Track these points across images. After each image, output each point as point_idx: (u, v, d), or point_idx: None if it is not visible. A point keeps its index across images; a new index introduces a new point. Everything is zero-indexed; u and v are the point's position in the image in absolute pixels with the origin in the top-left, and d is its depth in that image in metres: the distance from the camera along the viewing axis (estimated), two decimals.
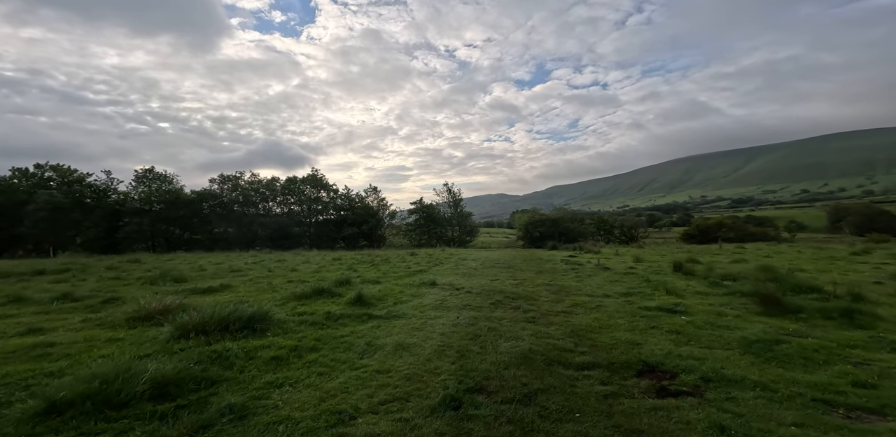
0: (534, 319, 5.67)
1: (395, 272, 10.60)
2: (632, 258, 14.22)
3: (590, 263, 13.21)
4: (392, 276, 9.81)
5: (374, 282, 8.61)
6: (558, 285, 8.74)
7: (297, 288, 7.04)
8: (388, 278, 9.53)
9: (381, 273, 10.35)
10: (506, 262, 14.11)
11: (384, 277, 9.68)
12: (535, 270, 11.73)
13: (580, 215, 54.89)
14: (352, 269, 11.41)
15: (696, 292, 7.44)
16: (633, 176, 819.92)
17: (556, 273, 10.80)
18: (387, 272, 10.55)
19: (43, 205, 28.25)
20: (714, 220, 44.91)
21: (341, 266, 12.07)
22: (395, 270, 11.14)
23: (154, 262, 13.92)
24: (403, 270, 11.07)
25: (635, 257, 13.90)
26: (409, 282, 8.76)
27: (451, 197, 48.34)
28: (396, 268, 11.67)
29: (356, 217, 37.83)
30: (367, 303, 6.37)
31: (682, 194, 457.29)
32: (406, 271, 10.66)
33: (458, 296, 7.33)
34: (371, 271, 11.03)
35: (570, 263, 13.12)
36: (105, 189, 32.96)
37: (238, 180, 35.13)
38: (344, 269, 11.44)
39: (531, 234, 42.42)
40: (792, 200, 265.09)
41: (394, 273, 10.34)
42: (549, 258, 15.60)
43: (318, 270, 10.97)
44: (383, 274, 10.19)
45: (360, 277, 9.53)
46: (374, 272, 10.61)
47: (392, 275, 9.99)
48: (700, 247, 22.79)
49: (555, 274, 10.60)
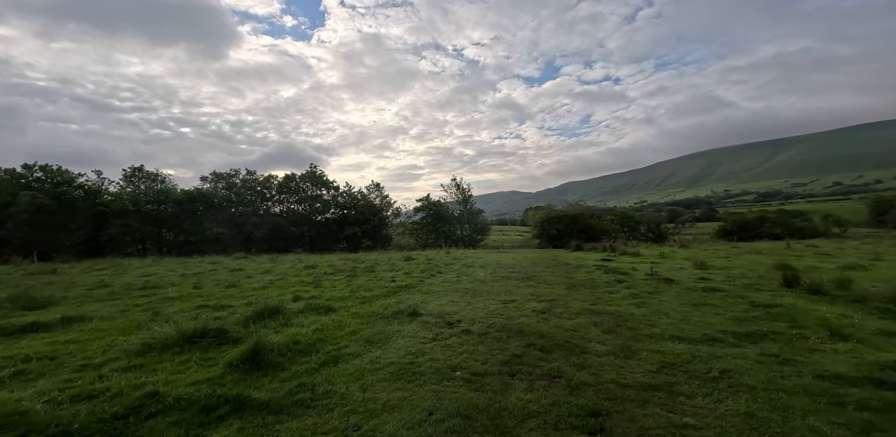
0: (601, 422, 2.58)
1: (369, 289, 7.63)
2: (690, 263, 10.84)
3: (635, 270, 9.92)
4: (360, 297, 6.84)
5: (322, 311, 5.65)
6: (610, 312, 5.59)
7: (183, 325, 4.13)
8: (352, 300, 6.56)
9: (347, 291, 7.39)
10: (524, 269, 10.97)
11: (348, 298, 6.72)
12: (564, 282, 8.57)
13: (598, 212, 50.85)
14: (315, 283, 8.50)
15: (876, 331, 4.17)
16: (651, 171, 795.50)
17: (596, 288, 7.61)
18: (357, 289, 7.58)
19: (25, 207, 26.63)
20: (754, 214, 40.22)
21: (305, 278, 9.18)
22: (373, 285, 8.17)
23: (77, 271, 11.36)
24: (383, 285, 8.09)
25: (695, 261, 10.52)
26: (378, 310, 5.77)
27: (460, 193, 45.21)
28: (377, 281, 8.71)
29: (357, 216, 35.21)
30: (267, 364, 3.43)
31: (703, 189, 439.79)
32: (385, 288, 7.67)
33: (448, 342, 4.30)
34: (338, 286, 8.09)
35: (609, 270, 9.87)
36: (96, 190, 31.34)
37: (232, 178, 32.97)
38: (305, 283, 8.55)
39: (548, 232, 38.87)
40: (824, 193, 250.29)
41: (366, 292, 7.37)
42: (577, 263, 12.36)
43: (266, 285, 8.11)
44: (350, 293, 7.24)
45: (313, 298, 6.61)
46: (340, 289, 7.67)
47: (361, 295, 7.02)
48: (755, 245, 18.99)
49: (596, 290, 7.42)
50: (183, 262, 14.55)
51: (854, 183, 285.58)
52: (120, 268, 12.04)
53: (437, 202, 42.22)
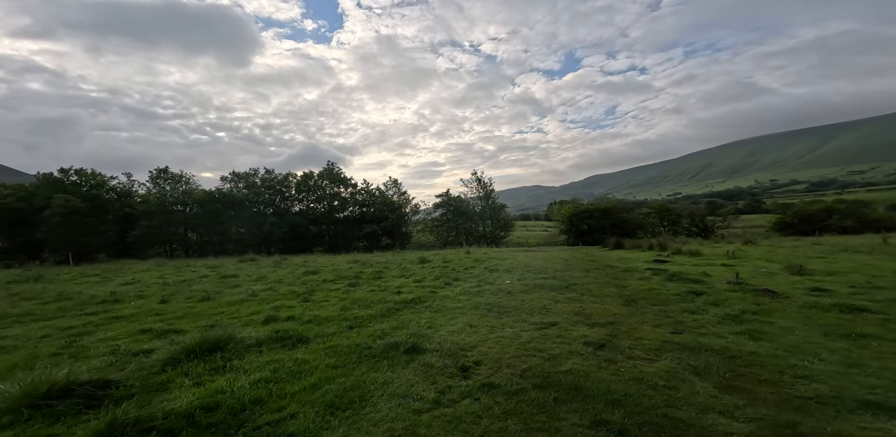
0: None
1: (366, 306, 6.05)
2: (778, 266, 8.50)
3: (707, 275, 7.77)
4: (350, 317, 5.27)
5: (291, 342, 4.11)
6: (710, 347, 3.69)
7: (41, 376, 2.70)
8: (338, 323, 4.99)
9: (338, 309, 5.83)
10: (559, 274, 9.06)
11: (334, 320, 5.17)
12: (617, 293, 6.62)
13: (629, 205, 47.16)
14: (306, 295, 7.03)
15: None
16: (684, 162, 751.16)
17: (667, 304, 5.63)
18: (351, 306, 6.01)
19: (58, 210, 27.51)
20: (819, 204, 35.43)
21: (298, 288, 7.75)
22: (372, 299, 6.59)
23: (66, 278, 10.58)
24: (385, 299, 6.49)
25: (785, 263, 8.18)
26: (366, 341, 4.17)
27: (482, 188, 43.18)
28: (379, 293, 7.13)
29: (375, 213, 34.18)
30: None
31: (746, 179, 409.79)
32: (386, 304, 6.07)
33: (458, 411, 2.62)
34: (331, 300, 6.57)
35: (674, 276, 7.76)
36: (126, 192, 32.15)
37: (251, 178, 32.80)
38: (294, 295, 7.10)
39: (577, 227, 36.13)
40: (887, 180, 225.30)
41: (360, 310, 5.79)
42: (624, 265, 10.25)
43: (247, 298, 6.68)
44: (341, 311, 5.68)
45: (289, 319, 5.13)
46: (331, 306, 6.13)
47: (353, 315, 5.44)
48: (839, 240, 15.77)
49: (667, 307, 5.45)
50: (182, 266, 13.71)
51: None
52: (111, 274, 11.23)
53: (458, 198, 40.45)
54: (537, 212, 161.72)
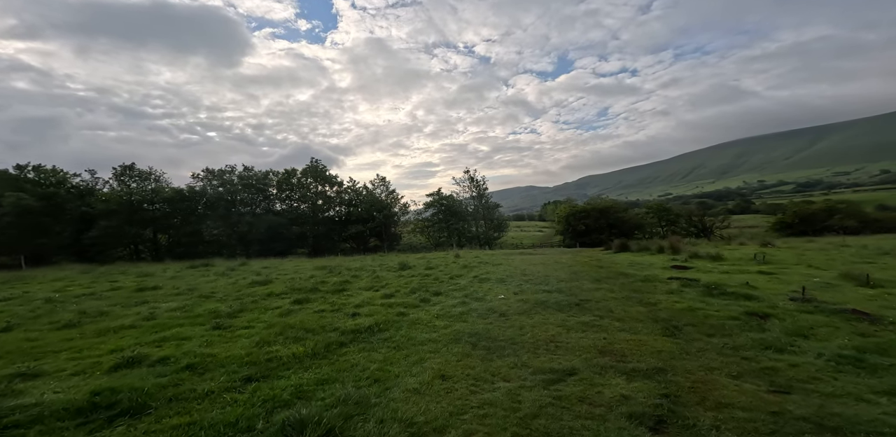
0: None
1: (296, 338, 4.26)
2: (831, 275, 6.93)
3: (754, 288, 6.14)
4: (258, 362, 3.47)
5: (106, 419, 2.31)
6: (865, 428, 1.98)
7: None
8: (236, 370, 3.19)
9: (252, 344, 4.02)
10: (564, 285, 7.36)
11: (236, 362, 3.37)
12: (647, 315, 4.94)
13: (624, 205, 46.07)
14: (227, 316, 5.20)
15: None
16: (675, 163, 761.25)
17: (729, 335, 3.95)
18: (275, 337, 4.21)
19: (9, 209, 25.04)
20: (820, 204, 34.52)
21: (222, 306, 5.88)
22: (312, 325, 4.78)
23: None
24: (332, 325, 4.71)
25: (847, 274, 6.62)
26: (251, 415, 2.38)
27: (475, 187, 41.48)
28: (327, 316, 5.33)
29: (362, 213, 32.25)
30: None
31: (734, 180, 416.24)
32: (329, 336, 4.29)
33: None
34: (255, 327, 4.75)
35: (711, 289, 6.12)
36: (88, 190, 29.67)
37: (226, 175, 30.52)
38: (211, 315, 5.27)
39: (574, 227, 34.68)
40: (872, 181, 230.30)
41: (288, 345, 4.00)
42: (639, 272, 8.61)
43: (131, 325, 4.75)
44: (255, 346, 3.88)
45: (162, 362, 3.32)
46: (246, 338, 4.30)
47: (266, 356, 3.65)
48: (860, 240, 14.41)
49: (733, 340, 3.77)
50: (112, 273, 11.62)
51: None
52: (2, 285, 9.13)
53: (449, 197, 38.70)
54: (531, 212, 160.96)
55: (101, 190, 30.19)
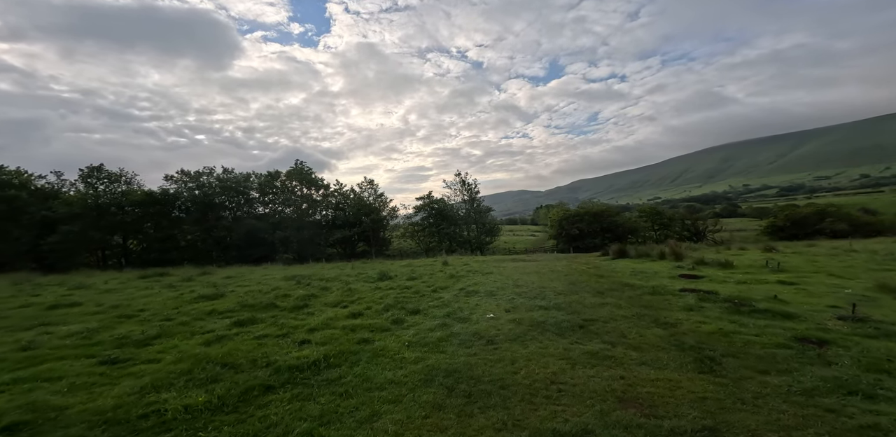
0: None
1: (216, 374, 3.15)
2: (867, 286, 6.08)
3: (783, 302, 5.24)
4: (128, 420, 2.36)
5: None
6: None
7: None
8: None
9: (134, 390, 2.90)
10: (563, 299, 6.36)
11: (90, 426, 2.25)
12: (669, 340, 3.94)
13: (615, 209, 45.78)
14: (138, 343, 4.06)
15: None
16: (663, 167, 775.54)
17: (787, 371, 2.97)
18: (177, 378, 3.10)
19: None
20: (812, 208, 34.52)
21: (150, 329, 4.72)
22: (246, 357, 3.68)
23: None
24: (266, 359, 3.62)
25: (882, 285, 5.78)
26: None
27: (466, 191, 40.54)
28: (269, 344, 4.22)
29: (348, 217, 30.99)
30: None
31: (720, 184, 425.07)
32: (256, 375, 3.20)
33: None
34: (165, 358, 3.62)
35: (739, 305, 5.19)
36: (52, 193, 27.80)
37: (203, 177, 28.94)
38: (120, 344, 4.11)
39: (567, 232, 33.95)
40: (852, 185, 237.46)
41: (186, 394, 2.88)
42: (645, 283, 7.67)
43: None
44: (137, 394, 2.76)
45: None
46: (138, 378, 3.17)
47: (135, 415, 2.53)
48: (863, 244, 13.79)
49: (796, 380, 2.77)
50: (39, 285, 10.16)
51: (882, 175, 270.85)
52: None
53: (440, 200, 37.64)
54: (524, 216, 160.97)
55: (68, 193, 28.37)
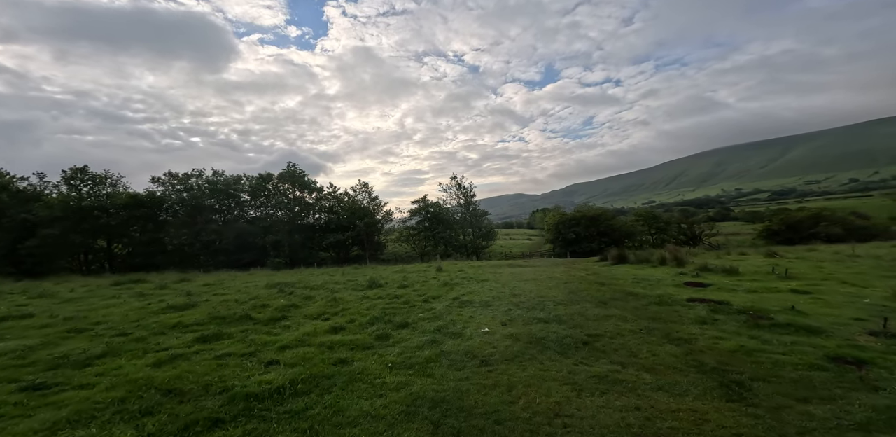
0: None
1: (151, 406, 2.63)
2: (885, 295, 5.69)
3: (802, 314, 4.81)
4: None
5: None
6: None
7: None
8: None
9: (37, 429, 2.38)
10: (563, 311, 5.89)
11: None
12: (685, 360, 3.47)
13: (612, 213, 45.69)
14: (79, 363, 3.52)
15: None
16: (658, 171, 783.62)
17: (830, 398, 2.50)
18: (104, 408, 2.58)
19: None
20: (807, 212, 34.53)
21: (97, 346, 4.15)
22: (199, 382, 3.16)
23: None
24: (221, 384, 3.10)
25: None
26: None
27: (462, 194, 40.13)
28: (231, 365, 3.69)
29: (341, 221, 30.38)
30: None
31: (713, 188, 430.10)
32: (206, 404, 2.69)
33: None
34: (102, 383, 3.08)
35: (757, 318, 4.76)
36: (34, 195, 26.90)
37: (191, 180, 28.16)
38: (55, 365, 3.57)
39: (564, 236, 33.60)
40: (841, 190, 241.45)
41: (117, 430, 2.35)
42: (650, 291, 7.23)
43: None
44: (49, 435, 2.23)
45: None
46: (40, 418, 2.64)
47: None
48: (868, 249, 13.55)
49: (843, 409, 2.31)
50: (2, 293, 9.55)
51: (871, 179, 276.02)
52: None
53: (436, 204, 37.16)
54: (520, 220, 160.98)
55: (50, 195, 27.49)
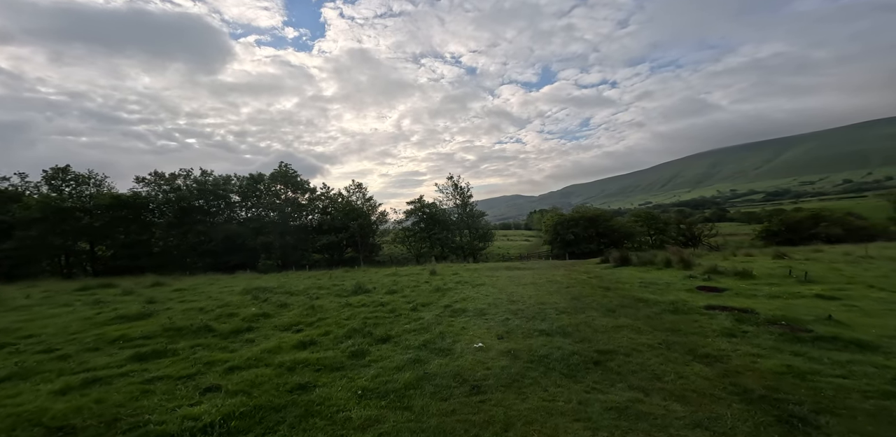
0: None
1: None
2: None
3: (843, 325, 4.19)
4: None
5: None
6: None
7: None
8: None
9: None
10: (567, 321, 5.22)
11: None
12: (721, 384, 2.80)
13: (609, 214, 45.25)
14: None
15: None
16: (654, 172, 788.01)
17: None
18: None
19: None
20: (807, 212, 34.19)
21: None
22: (116, 414, 2.48)
23: None
24: (133, 427, 2.42)
25: None
26: None
27: (458, 194, 39.48)
28: (161, 393, 3.01)
29: (335, 222, 29.61)
30: None
31: (709, 189, 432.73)
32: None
33: None
34: None
35: (791, 331, 4.11)
36: (13, 196, 25.91)
37: (178, 180, 27.25)
38: None
39: (562, 237, 33.02)
40: (835, 191, 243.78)
41: None
42: (660, 297, 6.59)
43: None
44: None
45: None
46: None
47: None
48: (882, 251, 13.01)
49: None
50: None
51: (864, 180, 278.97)
52: None
53: (432, 205, 36.48)
54: (518, 221, 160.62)
55: (32, 196, 26.52)
